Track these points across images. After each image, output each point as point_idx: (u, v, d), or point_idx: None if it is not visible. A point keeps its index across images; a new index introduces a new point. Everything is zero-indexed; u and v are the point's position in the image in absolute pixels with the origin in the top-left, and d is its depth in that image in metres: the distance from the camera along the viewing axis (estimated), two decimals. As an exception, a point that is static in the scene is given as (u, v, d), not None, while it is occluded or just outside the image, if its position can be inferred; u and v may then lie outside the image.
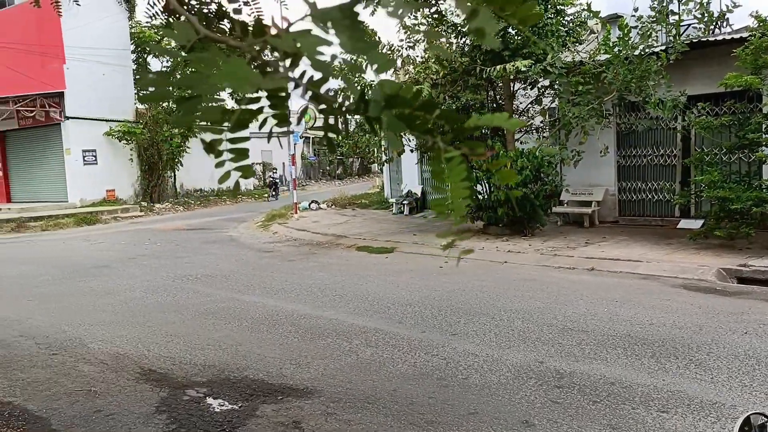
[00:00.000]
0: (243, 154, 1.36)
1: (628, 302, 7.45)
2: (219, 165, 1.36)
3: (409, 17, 12.45)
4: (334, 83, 1.43)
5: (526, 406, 4.56)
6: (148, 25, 28.85)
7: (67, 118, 24.10)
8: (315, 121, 24.80)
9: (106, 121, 25.10)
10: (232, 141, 1.33)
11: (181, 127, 1.28)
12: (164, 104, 27.88)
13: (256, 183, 36.21)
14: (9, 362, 6.21)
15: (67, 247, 15.56)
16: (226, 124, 1.27)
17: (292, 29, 1.26)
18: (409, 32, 14.18)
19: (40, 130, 25.24)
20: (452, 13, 13.58)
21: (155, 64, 29.29)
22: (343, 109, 1.33)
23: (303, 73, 1.28)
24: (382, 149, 18.16)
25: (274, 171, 25.27)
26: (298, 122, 21.33)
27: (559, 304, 7.51)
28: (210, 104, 1.23)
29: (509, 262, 10.49)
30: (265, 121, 1.32)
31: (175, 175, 28.20)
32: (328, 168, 44.26)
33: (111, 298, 8.93)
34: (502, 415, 4.42)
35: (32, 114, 24.45)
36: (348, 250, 12.77)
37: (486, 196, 12.88)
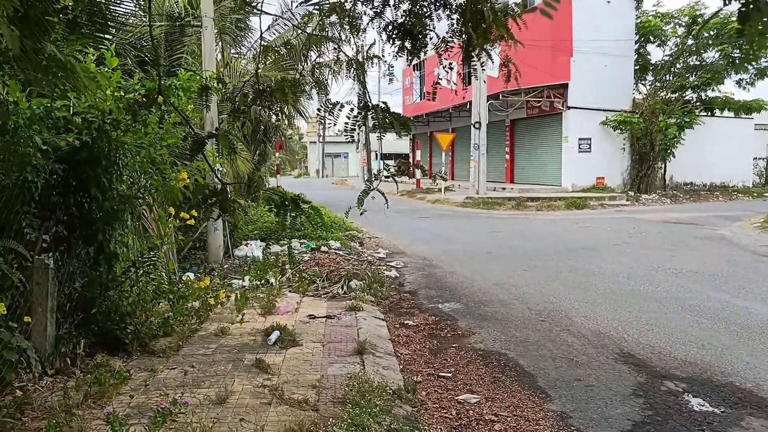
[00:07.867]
0: None
1: None
2: None
3: None
4: None
5: None
6: (654, 12, 28.49)
7: (568, 107, 25.79)
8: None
9: (603, 110, 25.95)
10: None
11: None
12: (662, 94, 27.33)
13: (756, 180, 32.39)
14: (507, 320, 7.16)
15: (557, 227, 16.78)
16: None
17: None
18: None
19: (544, 119, 27.71)
20: None
21: (656, 54, 28.82)
22: None
23: None
24: None
25: None
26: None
27: None
28: None
29: None
30: None
31: (665, 167, 27.37)
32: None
33: (595, 279, 9.36)
34: None
35: (538, 104, 26.92)
36: None
37: None
